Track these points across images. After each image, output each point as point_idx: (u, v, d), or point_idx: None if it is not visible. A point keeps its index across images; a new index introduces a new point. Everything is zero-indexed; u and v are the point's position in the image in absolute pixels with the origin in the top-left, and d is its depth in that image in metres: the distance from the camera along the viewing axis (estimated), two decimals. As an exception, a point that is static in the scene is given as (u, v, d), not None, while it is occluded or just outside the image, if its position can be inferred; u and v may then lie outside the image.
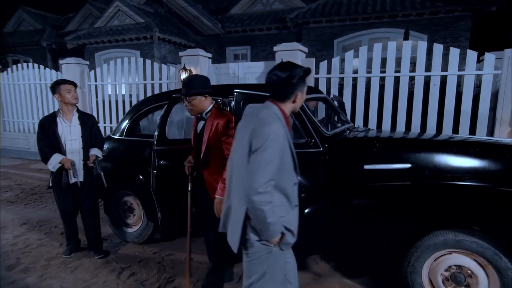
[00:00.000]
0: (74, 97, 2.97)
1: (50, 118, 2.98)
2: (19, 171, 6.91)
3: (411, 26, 8.63)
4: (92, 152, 3.02)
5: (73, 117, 3.00)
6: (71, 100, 2.96)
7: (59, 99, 2.95)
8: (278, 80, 1.57)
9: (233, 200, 1.65)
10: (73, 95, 2.97)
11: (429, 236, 2.21)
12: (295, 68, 1.59)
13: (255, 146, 1.49)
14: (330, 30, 9.96)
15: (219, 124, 2.29)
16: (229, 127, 2.29)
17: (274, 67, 1.63)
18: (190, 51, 6.45)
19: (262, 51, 11.43)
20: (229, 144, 2.23)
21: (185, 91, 2.30)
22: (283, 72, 1.57)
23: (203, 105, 2.35)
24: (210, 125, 2.31)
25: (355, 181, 2.46)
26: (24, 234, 3.69)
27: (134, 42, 11.16)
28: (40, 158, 2.99)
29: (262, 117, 1.57)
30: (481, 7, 8.39)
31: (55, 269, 2.94)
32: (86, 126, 3.04)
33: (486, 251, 2.05)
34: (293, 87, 1.60)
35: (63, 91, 2.93)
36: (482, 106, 4.60)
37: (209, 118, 2.35)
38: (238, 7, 12.14)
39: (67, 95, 2.93)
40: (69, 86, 2.97)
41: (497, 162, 2.31)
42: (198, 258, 3.08)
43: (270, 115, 1.59)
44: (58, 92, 2.93)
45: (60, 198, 3.04)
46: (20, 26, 15.80)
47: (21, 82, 8.46)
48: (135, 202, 3.40)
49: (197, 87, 2.30)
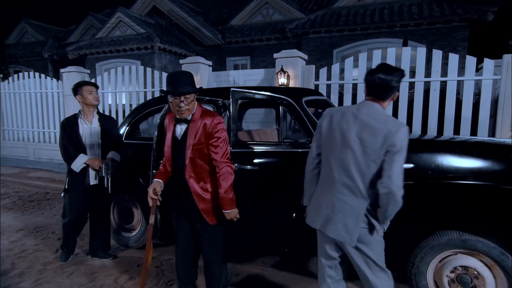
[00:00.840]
0: (95, 98, 2.98)
1: (71, 119, 2.97)
2: (17, 179, 6.86)
3: (410, 36, 8.73)
4: (109, 155, 3.01)
5: (93, 118, 3.01)
6: (92, 101, 2.96)
7: (81, 100, 2.96)
8: (383, 82, 1.70)
9: (344, 196, 1.75)
10: (94, 96, 2.97)
11: (433, 236, 2.16)
12: (396, 70, 1.73)
13: (397, 147, 1.61)
14: (329, 40, 10.08)
15: (207, 125, 2.03)
16: (219, 129, 2.04)
17: (376, 70, 1.74)
18: (190, 58, 6.51)
19: (262, 61, 11.52)
20: (216, 148, 2.03)
21: (184, 88, 1.96)
22: (387, 74, 1.70)
23: (194, 105, 2.08)
24: (197, 127, 2.03)
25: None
26: (20, 240, 3.62)
27: (135, 52, 11.26)
28: (63, 159, 2.93)
29: (385, 118, 1.70)
30: (478, 17, 8.51)
31: (51, 273, 2.87)
32: (106, 128, 3.03)
33: (492, 250, 2.00)
34: (395, 87, 1.74)
35: (85, 92, 2.93)
36: (482, 111, 4.61)
37: (194, 119, 2.06)
38: (238, 18, 12.31)
39: (88, 96, 2.94)
40: (91, 87, 2.97)
41: (500, 162, 2.28)
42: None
43: (387, 115, 1.75)
44: (80, 94, 2.94)
45: (75, 201, 2.94)
46: (23, 38, 16.00)
47: (22, 91, 8.49)
48: (134, 206, 3.36)
49: (192, 83, 2.03)
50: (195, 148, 2.03)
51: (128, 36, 11.61)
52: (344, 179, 1.75)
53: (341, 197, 1.75)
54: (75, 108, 7.24)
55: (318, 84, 5.51)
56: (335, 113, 1.82)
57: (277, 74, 5.60)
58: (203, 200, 2.07)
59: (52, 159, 8.15)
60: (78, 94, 2.95)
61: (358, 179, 1.70)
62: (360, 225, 1.72)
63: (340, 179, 1.76)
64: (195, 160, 2.05)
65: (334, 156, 1.78)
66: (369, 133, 1.67)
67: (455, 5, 8.93)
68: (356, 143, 1.70)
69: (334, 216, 1.77)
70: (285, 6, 11.59)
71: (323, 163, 1.87)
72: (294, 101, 2.68)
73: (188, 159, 2.04)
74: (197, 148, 2.03)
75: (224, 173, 2.04)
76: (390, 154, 1.62)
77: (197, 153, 2.04)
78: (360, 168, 1.69)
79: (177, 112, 2.04)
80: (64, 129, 2.92)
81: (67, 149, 2.88)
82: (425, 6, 9.38)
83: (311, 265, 2.99)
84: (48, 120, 8.26)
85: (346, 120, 1.76)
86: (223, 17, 13.50)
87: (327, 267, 1.94)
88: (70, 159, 2.86)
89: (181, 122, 2.09)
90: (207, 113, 2.10)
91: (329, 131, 1.80)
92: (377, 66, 1.77)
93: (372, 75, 1.74)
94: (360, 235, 1.73)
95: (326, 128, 1.83)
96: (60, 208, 4.80)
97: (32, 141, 8.54)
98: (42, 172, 7.69)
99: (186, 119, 2.07)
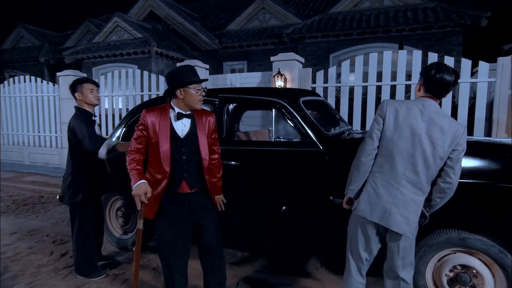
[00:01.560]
0: (96, 97, 2.77)
1: (88, 115, 2.77)
2: (12, 183, 6.78)
3: (405, 41, 8.82)
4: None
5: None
6: (93, 100, 2.74)
7: (80, 98, 2.72)
8: (449, 82, 1.78)
9: (405, 190, 1.81)
10: (95, 95, 2.76)
11: (432, 235, 2.15)
12: (456, 72, 1.82)
13: (462, 147, 1.77)
14: (325, 45, 10.15)
15: (211, 121, 2.16)
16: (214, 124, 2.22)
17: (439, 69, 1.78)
18: (187, 62, 6.50)
19: (259, 66, 11.57)
20: (216, 141, 2.24)
21: (199, 78, 2.02)
22: (451, 75, 1.79)
23: None
24: (203, 121, 2.11)
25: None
26: (13, 243, 3.56)
27: (132, 56, 11.27)
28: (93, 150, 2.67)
29: (448, 117, 1.80)
30: (471, 22, 8.62)
31: (45, 276, 2.82)
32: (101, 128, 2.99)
33: (491, 249, 2.00)
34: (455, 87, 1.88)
35: (86, 90, 2.71)
36: (477, 114, 4.64)
37: (198, 114, 2.10)
38: (235, 23, 12.38)
39: (89, 95, 2.72)
40: (92, 85, 2.75)
41: (498, 161, 2.29)
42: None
43: (446, 114, 1.86)
44: (80, 91, 2.71)
45: (92, 208, 2.76)
46: (19, 42, 15.97)
47: (17, 95, 8.43)
48: (130, 208, 3.32)
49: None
50: (207, 143, 2.14)
51: (125, 40, 11.62)
52: (408, 173, 1.80)
53: (403, 191, 1.81)
54: (70, 112, 7.19)
55: (315, 87, 5.52)
56: (400, 107, 1.83)
57: (274, 77, 5.61)
58: (213, 187, 2.21)
59: (47, 163, 8.08)
60: (78, 91, 2.71)
61: (423, 174, 1.78)
62: (418, 218, 1.84)
63: (404, 173, 1.80)
64: (207, 155, 2.15)
65: (401, 150, 1.80)
66: (438, 131, 1.76)
67: (449, 10, 9.04)
68: (427, 140, 1.76)
69: (395, 210, 1.81)
70: (282, 12, 11.68)
71: (382, 155, 1.86)
72: (288, 103, 2.69)
73: (203, 154, 2.09)
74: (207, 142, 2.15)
75: (220, 164, 2.28)
76: (457, 153, 1.76)
77: (208, 148, 2.16)
78: (427, 164, 1.76)
79: (197, 103, 2.02)
80: (87, 122, 2.68)
81: (94, 137, 2.66)
82: (420, 11, 9.49)
83: (311, 268, 2.96)
84: (43, 124, 8.20)
85: (414, 116, 1.80)
86: (220, 22, 13.57)
87: (362, 264, 1.98)
88: (100, 145, 2.74)
89: (183, 117, 2.03)
90: (203, 110, 2.17)
91: (396, 125, 1.82)
92: (436, 65, 1.82)
93: (439, 73, 1.78)
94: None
95: (392, 121, 1.83)
96: (55, 212, 4.74)
97: (27, 145, 8.47)
98: (37, 176, 7.61)
99: (190, 114, 2.05)
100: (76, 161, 2.69)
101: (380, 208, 1.84)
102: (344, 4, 10.45)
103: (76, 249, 2.75)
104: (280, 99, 2.72)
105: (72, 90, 2.75)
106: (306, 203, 2.55)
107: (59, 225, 4.16)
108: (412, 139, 1.79)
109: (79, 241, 2.73)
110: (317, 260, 3.05)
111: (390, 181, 1.83)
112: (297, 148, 2.60)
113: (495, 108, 4.61)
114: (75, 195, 2.67)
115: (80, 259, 2.75)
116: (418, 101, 1.85)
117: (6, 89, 8.61)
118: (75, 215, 2.72)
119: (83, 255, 2.75)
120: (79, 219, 2.72)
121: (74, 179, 2.68)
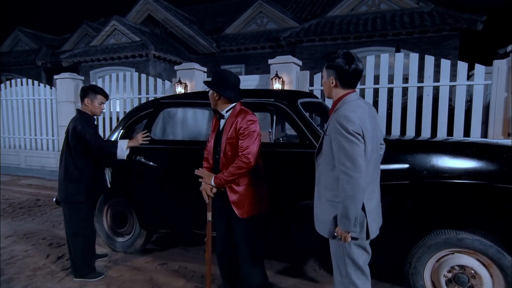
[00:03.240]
0: (101, 110, 2.84)
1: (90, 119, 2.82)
2: (8, 186, 6.73)
3: (402, 44, 8.88)
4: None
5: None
6: (98, 112, 2.82)
7: (89, 105, 2.77)
8: (362, 69, 1.70)
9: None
10: (102, 108, 2.84)
11: (430, 236, 2.15)
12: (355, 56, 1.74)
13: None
14: (323, 48, 10.20)
15: (238, 121, 2.22)
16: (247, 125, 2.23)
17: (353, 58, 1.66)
18: (185, 64, 6.52)
19: (257, 69, 11.58)
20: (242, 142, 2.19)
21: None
22: (359, 61, 1.70)
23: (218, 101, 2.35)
24: (231, 122, 2.22)
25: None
26: (9, 246, 3.53)
27: (129, 60, 11.26)
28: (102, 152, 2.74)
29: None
30: (467, 26, 8.70)
31: (41, 279, 2.79)
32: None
33: (489, 249, 2.00)
34: None
35: (97, 102, 2.77)
36: (474, 116, 4.67)
37: (230, 116, 2.27)
38: (233, 27, 12.42)
39: (97, 106, 2.79)
40: (104, 99, 2.82)
41: (495, 161, 2.30)
42: (192, 267, 2.96)
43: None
44: (91, 99, 2.76)
45: (91, 209, 2.82)
46: (16, 46, 15.90)
47: (14, 98, 8.40)
48: (127, 209, 3.30)
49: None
50: (228, 142, 2.20)
51: (123, 44, 11.62)
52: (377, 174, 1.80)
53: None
54: (67, 115, 7.18)
55: (312, 90, 5.54)
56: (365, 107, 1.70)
57: (272, 80, 5.62)
58: (234, 192, 2.19)
59: (43, 166, 8.03)
60: (89, 98, 2.76)
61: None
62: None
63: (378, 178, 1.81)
64: (226, 153, 2.21)
65: (375, 156, 1.75)
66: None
67: (445, 14, 9.12)
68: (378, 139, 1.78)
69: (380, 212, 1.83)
70: (279, 15, 11.73)
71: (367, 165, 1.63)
72: (285, 104, 2.69)
73: (222, 152, 2.22)
74: (229, 142, 2.20)
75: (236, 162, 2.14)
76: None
77: (229, 147, 2.20)
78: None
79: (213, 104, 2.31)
80: (92, 126, 2.74)
81: (102, 140, 2.72)
82: (417, 15, 9.56)
83: (309, 270, 2.95)
84: (40, 127, 8.16)
85: (373, 116, 1.73)
86: (217, 26, 13.60)
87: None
88: (112, 147, 2.74)
89: (221, 118, 2.29)
90: (244, 111, 2.24)
91: (372, 130, 1.67)
92: (345, 55, 1.65)
93: (352, 64, 1.63)
94: None
95: (370, 126, 1.65)
96: (52, 215, 4.70)
97: (24, 148, 8.42)
98: (34, 179, 7.56)
99: (223, 114, 2.26)
100: (78, 162, 2.69)
101: (379, 218, 1.80)
102: (341, 8, 10.52)
103: (74, 250, 2.73)
104: (278, 101, 2.73)
105: (83, 93, 2.79)
106: (306, 203, 2.53)
107: (55, 228, 4.12)
108: (378, 142, 1.81)
109: (77, 242, 2.71)
110: (315, 262, 3.04)
111: (376, 190, 1.80)
112: (296, 149, 2.60)
113: (492, 110, 4.64)
114: (78, 195, 2.67)
115: (79, 260, 2.73)
116: (359, 97, 1.74)
117: (3, 92, 8.57)
118: (72, 216, 2.70)
119: (82, 256, 2.73)
120: (80, 219, 2.71)
121: (78, 179, 2.67)
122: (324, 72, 1.75)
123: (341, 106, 1.68)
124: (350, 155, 1.55)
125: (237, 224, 2.24)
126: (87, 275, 2.74)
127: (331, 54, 1.69)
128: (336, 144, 1.60)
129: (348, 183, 1.54)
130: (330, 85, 1.72)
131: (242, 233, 2.24)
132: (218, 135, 2.29)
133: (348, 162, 1.55)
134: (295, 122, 2.62)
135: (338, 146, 1.58)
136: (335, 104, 1.74)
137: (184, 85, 6.35)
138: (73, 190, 2.67)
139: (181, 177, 2.95)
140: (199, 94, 3.18)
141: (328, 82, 1.72)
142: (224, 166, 2.21)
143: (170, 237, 3.72)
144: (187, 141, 3.10)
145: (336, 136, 1.60)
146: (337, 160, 1.60)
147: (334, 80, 1.69)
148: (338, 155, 1.59)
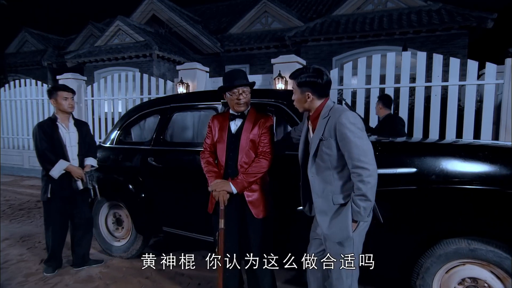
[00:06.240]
0: (70, 105, 2.83)
1: (48, 122, 2.81)
2: (10, 187, 6.71)
3: (409, 43, 8.69)
4: (87, 162, 2.90)
5: (69, 123, 2.89)
6: (66, 108, 2.82)
7: (55, 105, 2.83)
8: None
9: None
10: (69, 103, 2.82)
11: (439, 245, 2.01)
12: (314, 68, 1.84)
13: None
14: (328, 48, 10.05)
15: (262, 121, 2.20)
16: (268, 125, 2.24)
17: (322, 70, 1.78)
18: (187, 64, 6.43)
19: (261, 69, 11.48)
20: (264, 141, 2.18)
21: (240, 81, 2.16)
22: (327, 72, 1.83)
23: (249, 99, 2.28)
24: (252, 121, 2.19)
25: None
26: (4, 250, 3.45)
27: (133, 60, 11.24)
28: (39, 163, 2.76)
29: None
30: (477, 24, 8.48)
31: (33, 285, 2.70)
32: (81, 133, 2.93)
33: (504, 261, 1.85)
34: None
35: (60, 98, 2.80)
36: (485, 116, 4.49)
37: (250, 115, 2.23)
38: (237, 27, 12.33)
39: (63, 102, 2.80)
40: (67, 93, 2.82)
41: (508, 166, 2.15)
42: (188, 274, 2.86)
43: None
44: (55, 98, 2.81)
45: (57, 209, 2.80)
46: (23, 47, 16.04)
47: (18, 98, 8.41)
48: (124, 213, 3.21)
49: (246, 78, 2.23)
50: (251, 139, 2.15)
51: (127, 44, 11.60)
52: None
53: None
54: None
55: (316, 90, 5.41)
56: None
57: (275, 80, 5.50)
58: (252, 191, 2.13)
59: (47, 167, 8.00)
60: (53, 98, 2.81)
61: None
62: None
63: None
64: (249, 152, 2.14)
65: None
66: None
67: (454, 12, 8.91)
68: None
69: None
70: (284, 15, 11.61)
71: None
72: (286, 104, 2.58)
73: (243, 152, 2.14)
74: (251, 140, 2.15)
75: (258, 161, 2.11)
76: None
77: (252, 144, 2.15)
78: None
79: (235, 105, 2.15)
80: (44, 132, 2.74)
81: (46, 154, 2.71)
82: (424, 13, 9.36)
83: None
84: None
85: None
86: (222, 26, 13.53)
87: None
88: (48, 164, 2.71)
89: (236, 118, 2.19)
90: (261, 112, 2.26)
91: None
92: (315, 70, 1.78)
93: (323, 76, 1.77)
94: None
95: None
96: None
97: (27, 148, 8.41)
98: (36, 180, 7.52)
99: (243, 113, 2.19)
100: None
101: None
102: (347, 7, 10.36)
103: (46, 243, 2.91)
104: (278, 101, 2.61)
105: (48, 96, 2.87)
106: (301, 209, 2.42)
107: (53, 231, 4.05)
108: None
109: (48, 236, 2.88)
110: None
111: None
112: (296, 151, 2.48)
113: (503, 111, 4.46)
114: (44, 194, 2.80)
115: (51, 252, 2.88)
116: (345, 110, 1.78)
117: (7, 93, 8.59)
118: (44, 212, 2.90)
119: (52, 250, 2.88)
120: (46, 216, 2.87)
121: (45, 179, 2.80)
122: (296, 90, 1.86)
123: (334, 111, 1.78)
124: (364, 150, 1.67)
125: (252, 225, 2.15)
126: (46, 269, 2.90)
127: (297, 72, 1.83)
128: (347, 144, 1.68)
129: (369, 176, 1.65)
130: (307, 100, 1.83)
131: (258, 234, 2.15)
132: (232, 135, 2.19)
133: (363, 156, 1.66)
134: (296, 122, 2.50)
135: (350, 144, 1.67)
136: (318, 111, 1.84)
137: (186, 85, 6.26)
138: (41, 189, 2.83)
139: (178, 181, 2.86)
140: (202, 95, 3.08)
141: (303, 97, 1.83)
142: (242, 166, 2.13)
143: (167, 243, 3.62)
144: (183, 143, 3.00)
145: (345, 137, 1.68)
146: (349, 158, 1.68)
147: (310, 95, 1.81)
148: (350, 153, 1.67)
